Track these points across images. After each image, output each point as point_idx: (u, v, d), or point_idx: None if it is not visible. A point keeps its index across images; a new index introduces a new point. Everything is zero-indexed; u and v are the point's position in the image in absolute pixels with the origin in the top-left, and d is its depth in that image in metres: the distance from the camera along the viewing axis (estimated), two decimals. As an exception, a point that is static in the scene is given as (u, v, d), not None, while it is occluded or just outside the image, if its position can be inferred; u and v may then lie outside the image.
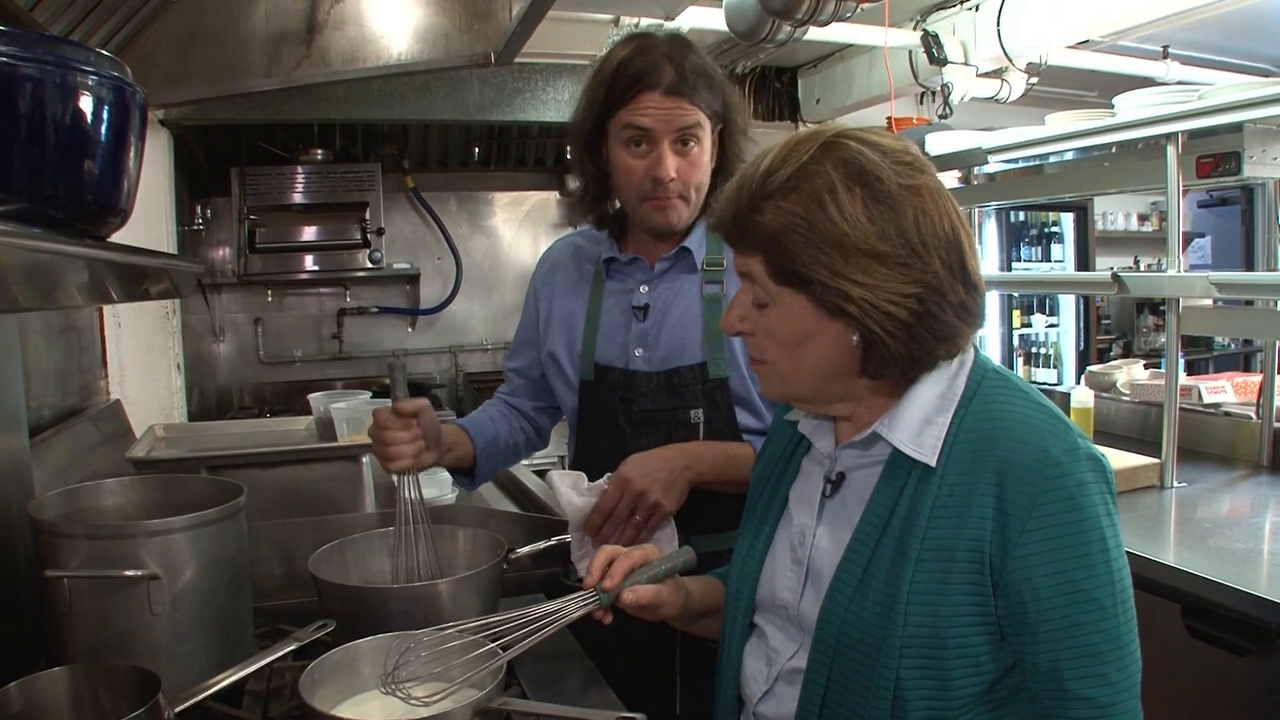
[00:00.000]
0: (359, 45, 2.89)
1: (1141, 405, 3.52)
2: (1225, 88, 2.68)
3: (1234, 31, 4.20)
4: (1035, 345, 6.69)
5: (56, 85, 0.92)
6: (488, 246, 5.60)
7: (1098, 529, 1.07)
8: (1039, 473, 1.07)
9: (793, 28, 3.12)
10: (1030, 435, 1.10)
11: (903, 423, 1.16)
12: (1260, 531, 2.45)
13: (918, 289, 1.09)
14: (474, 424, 1.94)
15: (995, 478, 1.09)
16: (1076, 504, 1.07)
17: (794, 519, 1.28)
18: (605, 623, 1.31)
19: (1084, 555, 1.06)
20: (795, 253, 1.09)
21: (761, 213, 1.11)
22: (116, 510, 1.62)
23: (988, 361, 1.22)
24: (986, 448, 1.11)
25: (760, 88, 5.26)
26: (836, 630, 1.16)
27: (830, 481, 1.25)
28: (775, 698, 1.26)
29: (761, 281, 1.14)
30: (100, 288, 1.44)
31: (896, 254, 1.08)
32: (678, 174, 1.72)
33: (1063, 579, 1.06)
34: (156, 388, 3.61)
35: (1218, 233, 7.48)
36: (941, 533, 1.11)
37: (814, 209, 1.08)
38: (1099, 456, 1.12)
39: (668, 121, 1.70)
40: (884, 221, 1.08)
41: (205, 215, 4.89)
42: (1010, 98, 4.19)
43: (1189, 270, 2.91)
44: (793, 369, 1.18)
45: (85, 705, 1.22)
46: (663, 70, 1.69)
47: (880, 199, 1.09)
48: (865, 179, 1.09)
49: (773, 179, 1.11)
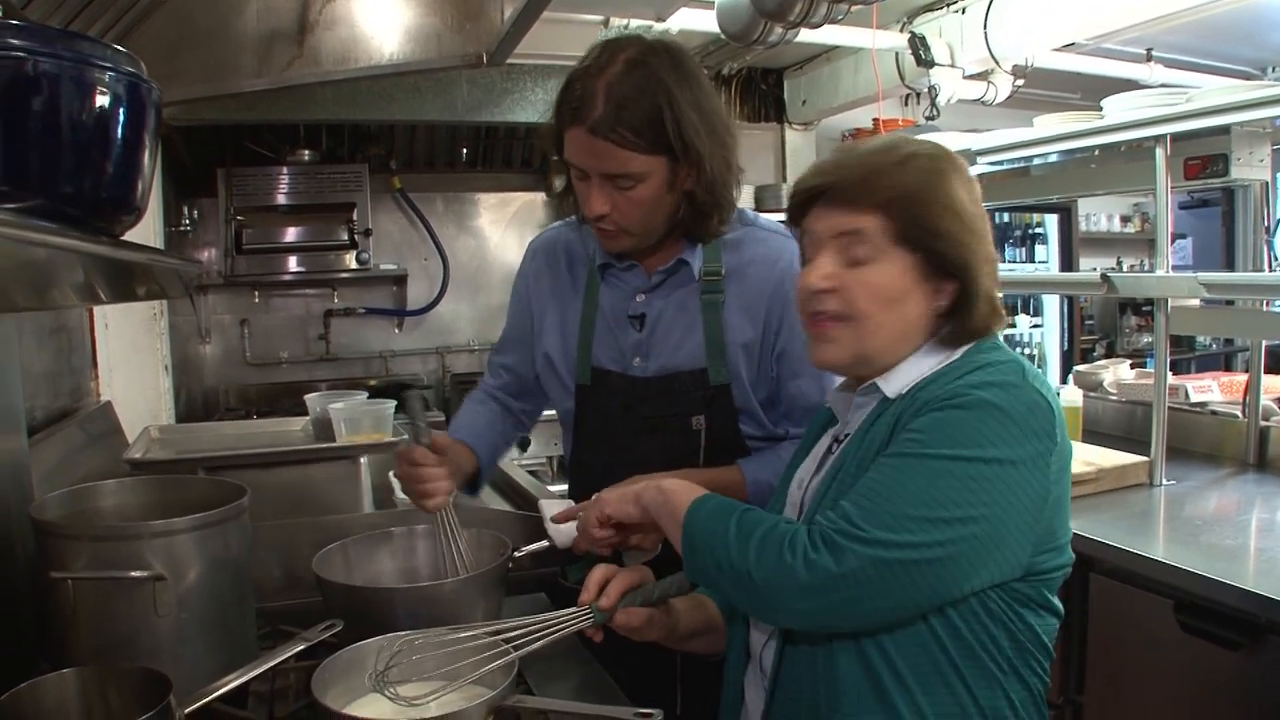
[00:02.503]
0: (350, 45, 2.88)
1: (1128, 404, 3.55)
2: (1213, 90, 2.71)
3: (1217, 34, 4.24)
4: (1020, 346, 6.73)
5: (73, 81, 0.92)
6: (474, 247, 5.59)
7: (975, 430, 1.12)
8: (947, 386, 1.17)
9: (784, 29, 3.13)
10: (973, 367, 1.19)
11: (900, 375, 1.25)
12: (1249, 528, 2.47)
13: (989, 265, 1.25)
14: (474, 435, 1.90)
15: (922, 397, 1.18)
16: (960, 409, 1.14)
17: (798, 474, 1.37)
18: (597, 640, 1.35)
19: (944, 435, 1.13)
20: (930, 209, 1.21)
21: (902, 171, 1.22)
22: (117, 511, 1.61)
23: (995, 336, 1.30)
24: (936, 381, 1.20)
25: (746, 89, 5.28)
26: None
27: (836, 440, 1.34)
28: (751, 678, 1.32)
29: (874, 239, 1.21)
30: (92, 288, 1.43)
31: (982, 229, 1.25)
32: (613, 209, 1.62)
33: (915, 442, 1.14)
34: (144, 389, 3.59)
35: (1198, 234, 7.55)
36: (876, 450, 1.19)
37: (947, 174, 1.24)
38: (1026, 399, 1.16)
39: (591, 161, 1.60)
40: (973, 203, 1.26)
41: (192, 216, 4.87)
42: (996, 100, 4.21)
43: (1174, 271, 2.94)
44: (878, 325, 1.23)
45: (95, 707, 1.21)
46: (592, 105, 1.55)
47: (968, 183, 1.27)
48: (958, 164, 1.27)
49: (898, 150, 1.25)
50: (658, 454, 1.74)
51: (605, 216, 1.64)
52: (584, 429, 1.86)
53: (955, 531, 1.09)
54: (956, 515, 1.09)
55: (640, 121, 1.56)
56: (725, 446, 1.76)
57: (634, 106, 1.55)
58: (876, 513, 1.10)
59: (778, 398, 1.78)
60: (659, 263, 1.78)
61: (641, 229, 1.68)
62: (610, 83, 1.56)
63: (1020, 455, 1.12)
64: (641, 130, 1.56)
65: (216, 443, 2.42)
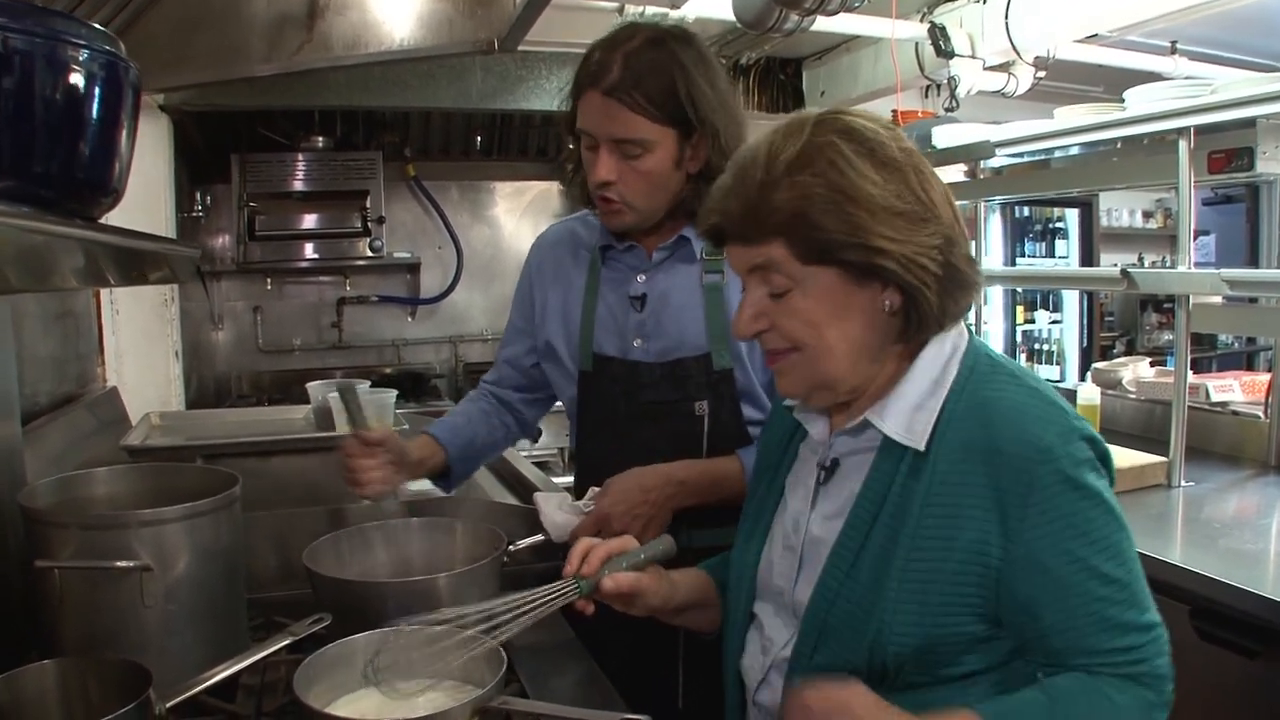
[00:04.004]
0: (361, 30, 2.86)
1: (1147, 403, 3.49)
2: (1238, 82, 2.65)
3: (1242, 26, 4.16)
4: (1038, 341, 6.66)
5: (46, 59, 0.89)
6: (489, 236, 5.57)
7: (1099, 504, 1.09)
8: (1032, 459, 1.08)
9: (800, 17, 3.08)
10: (1022, 421, 1.11)
11: (893, 410, 1.17)
12: (1269, 532, 2.42)
13: (939, 240, 1.13)
14: (448, 430, 1.91)
15: (988, 468, 1.10)
16: (1073, 484, 1.08)
17: (789, 505, 1.29)
18: (587, 613, 1.31)
19: (1086, 533, 1.08)
20: (823, 221, 1.10)
21: (776, 194, 1.11)
22: (109, 499, 1.60)
23: (981, 347, 1.22)
24: (978, 437, 1.12)
25: (765, 79, 5.22)
26: (823, 616, 1.17)
27: (824, 468, 1.25)
28: (770, 686, 1.27)
29: (784, 267, 1.13)
30: (95, 270, 1.41)
31: (914, 210, 1.12)
32: (619, 179, 1.65)
33: (1071, 559, 1.07)
34: (154, 375, 3.59)
35: (1221, 230, 7.45)
36: (936, 523, 1.11)
37: (834, 174, 1.10)
38: (1095, 436, 1.13)
39: (602, 126, 1.63)
40: (896, 182, 1.12)
41: (205, 202, 4.86)
42: (1017, 92, 4.15)
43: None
44: (826, 350, 1.16)
45: (74, 699, 1.20)
46: (609, 70, 1.60)
47: (886, 164, 1.12)
48: (870, 146, 1.12)
49: (779, 160, 1.12)
50: (661, 440, 1.74)
51: (610, 185, 1.65)
52: (587, 417, 1.85)
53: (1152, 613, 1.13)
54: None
55: (653, 89, 1.60)
56: (728, 432, 1.75)
57: (649, 75, 1.60)
58: (1123, 630, 1.09)
59: None
60: (660, 241, 1.78)
61: (645, 204, 1.69)
62: (628, 52, 1.62)
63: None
64: (653, 98, 1.60)
65: (217, 430, 2.40)
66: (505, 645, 1.24)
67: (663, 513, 1.64)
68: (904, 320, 1.16)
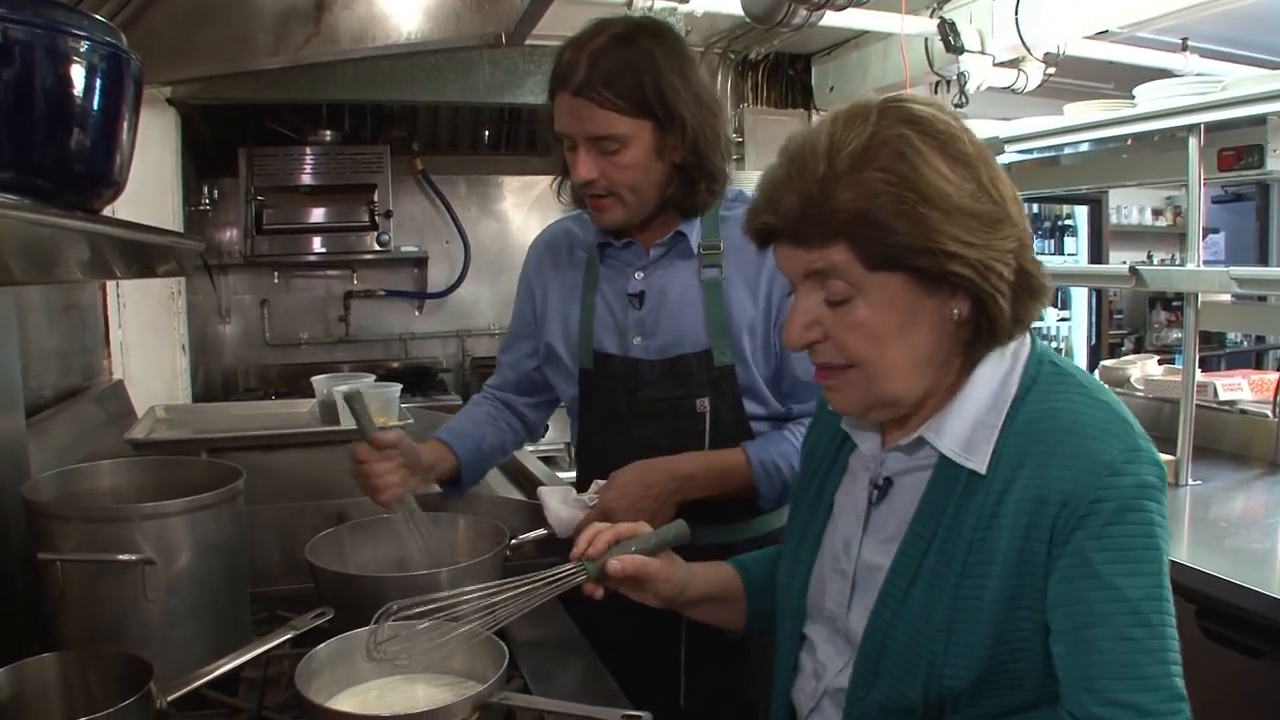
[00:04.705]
0: (368, 23, 2.86)
1: (1155, 401, 3.47)
2: (1249, 79, 2.63)
3: (1255, 24, 4.13)
4: (1047, 339, 6.64)
5: (46, 49, 0.89)
6: (496, 230, 5.56)
7: (1152, 539, 0.99)
8: (1091, 477, 0.99)
9: (809, 11, 3.07)
10: (1083, 436, 1.01)
11: (951, 427, 1.08)
12: (1276, 532, 2.41)
13: (1014, 244, 1.03)
14: (456, 434, 1.89)
15: (1043, 483, 1.01)
16: (1132, 510, 0.99)
17: (839, 526, 1.21)
18: (596, 597, 1.28)
19: (1135, 565, 0.98)
20: (892, 223, 0.99)
21: (840, 191, 1.00)
22: (113, 492, 1.60)
23: (1045, 354, 1.12)
24: (1036, 451, 1.03)
25: (773, 75, 5.20)
26: (879, 646, 1.10)
27: (877, 487, 1.16)
28: (822, 713, 1.21)
29: (846, 272, 1.02)
30: (101, 263, 1.41)
31: (989, 210, 1.02)
32: (601, 176, 1.64)
33: (1113, 593, 0.98)
34: (161, 368, 3.59)
35: (1231, 229, 7.41)
36: (991, 544, 1.03)
37: (904, 169, 0.99)
38: (1159, 461, 1.03)
39: (576, 125, 1.63)
40: (970, 179, 1.01)
41: (212, 195, 4.87)
42: (1027, 88, 4.13)
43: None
44: (891, 364, 1.06)
45: (75, 692, 1.20)
46: (576, 70, 1.60)
47: (959, 159, 1.01)
48: (941, 138, 1.01)
49: (841, 156, 1.01)
50: (662, 438, 1.72)
51: (593, 183, 1.65)
52: (589, 415, 1.84)
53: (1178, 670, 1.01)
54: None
55: (620, 84, 1.59)
56: (730, 428, 1.73)
57: (615, 70, 1.59)
58: (1143, 685, 0.99)
59: (780, 374, 1.75)
60: (656, 237, 1.77)
61: (632, 198, 1.67)
62: (594, 50, 1.61)
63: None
64: (621, 92, 1.59)
65: (222, 424, 2.40)
66: (508, 640, 1.24)
67: (666, 507, 1.63)
68: (973, 331, 1.06)
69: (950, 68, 4.00)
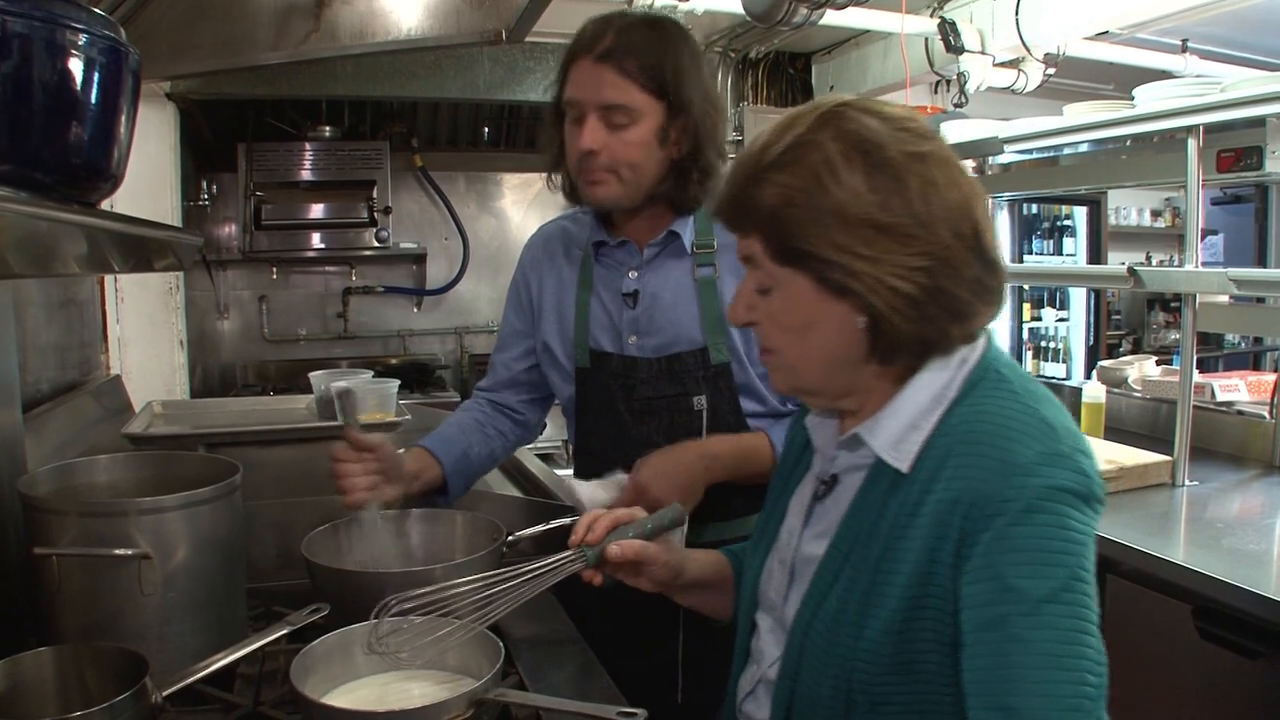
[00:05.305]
0: (368, 20, 2.86)
1: (1153, 402, 3.48)
2: (1248, 81, 2.63)
3: (1255, 26, 4.14)
4: (1045, 339, 6.64)
5: (45, 43, 0.89)
6: (495, 227, 5.57)
7: (1063, 541, 0.97)
8: (1000, 478, 0.99)
9: (809, 10, 3.07)
10: (1004, 439, 1.01)
11: (886, 426, 1.09)
12: (1272, 533, 2.41)
13: (926, 261, 1.02)
14: (441, 442, 1.87)
15: (958, 485, 1.01)
16: (1038, 512, 0.97)
17: (787, 519, 1.25)
18: (595, 584, 1.29)
19: (1038, 566, 0.96)
20: (794, 228, 1.03)
21: (759, 189, 1.06)
22: (110, 487, 1.59)
23: (996, 359, 1.12)
24: (956, 452, 1.03)
25: (774, 74, 5.20)
26: (802, 638, 1.12)
27: (824, 483, 1.19)
28: (756, 699, 1.23)
29: (763, 264, 1.08)
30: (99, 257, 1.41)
31: (900, 224, 1.02)
32: (604, 150, 1.64)
33: (1012, 594, 0.96)
34: (159, 364, 3.60)
35: (1230, 230, 7.42)
36: (906, 544, 1.04)
37: (811, 181, 1.03)
38: (1084, 469, 1.01)
39: (592, 91, 1.63)
40: (886, 191, 1.02)
41: (211, 191, 4.87)
42: (1026, 88, 4.13)
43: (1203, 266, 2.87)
44: (800, 357, 1.11)
45: (71, 686, 1.20)
46: (602, 38, 1.63)
47: (881, 167, 1.02)
48: (865, 147, 1.03)
49: (769, 154, 1.06)
50: (659, 435, 1.72)
51: (595, 155, 1.64)
52: (586, 414, 1.84)
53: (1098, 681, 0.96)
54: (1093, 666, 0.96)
55: (644, 59, 1.63)
56: (727, 426, 1.73)
57: (641, 45, 1.63)
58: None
59: None
60: (649, 237, 1.77)
61: (630, 175, 1.67)
62: (622, 26, 1.65)
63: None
64: (643, 66, 1.62)
65: (219, 419, 2.39)
66: (504, 637, 1.24)
67: (698, 485, 1.62)
68: (870, 343, 1.07)
69: (950, 67, 4.01)
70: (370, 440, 1.65)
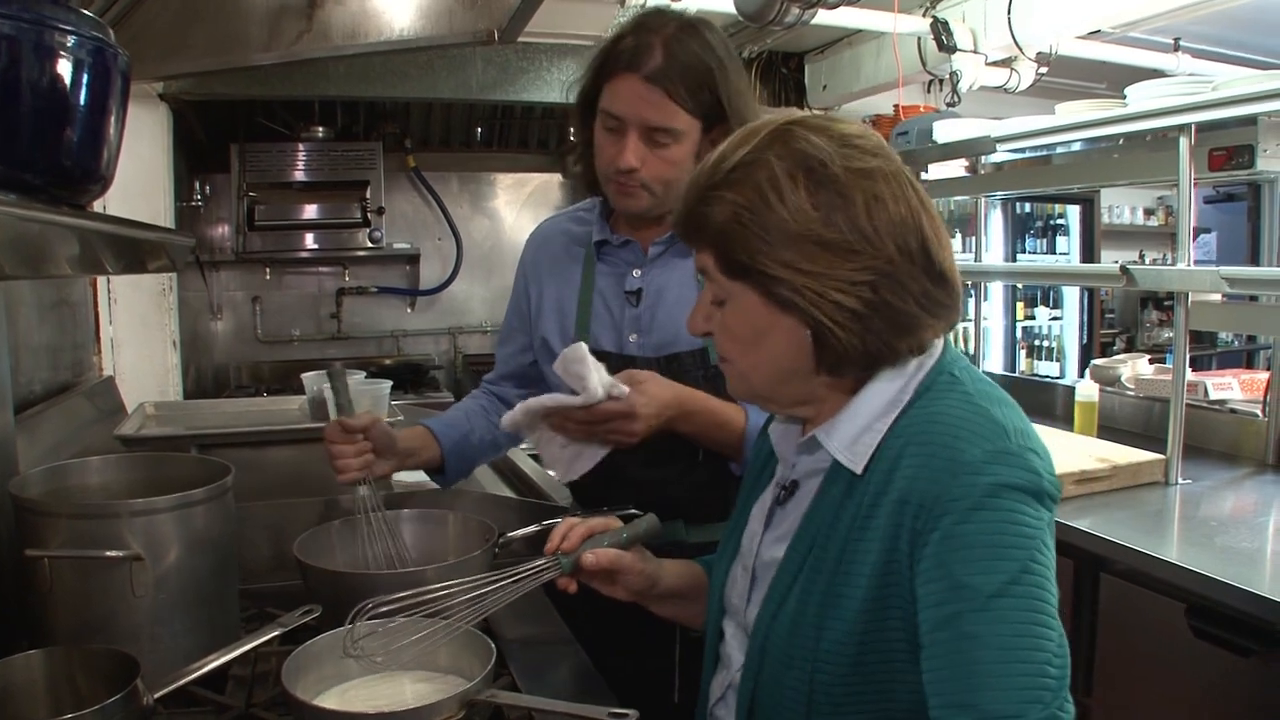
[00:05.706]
0: (360, 20, 2.85)
1: (1146, 400, 3.49)
2: (1240, 79, 2.64)
3: (1246, 25, 4.15)
4: (1038, 338, 6.65)
5: (33, 44, 0.88)
6: (489, 228, 5.56)
7: (1013, 535, 0.98)
8: (948, 477, 1.00)
9: (801, 10, 3.07)
10: (952, 439, 1.02)
11: (842, 429, 1.11)
12: (1265, 531, 2.41)
13: (869, 276, 1.04)
14: (443, 424, 1.89)
15: (909, 486, 1.02)
16: (985, 509, 0.98)
17: (749, 524, 1.26)
18: (569, 591, 1.30)
19: (988, 562, 0.97)
20: (742, 244, 1.06)
21: (709, 206, 1.09)
22: (102, 489, 1.59)
23: (953, 362, 1.13)
24: (907, 454, 1.04)
25: (767, 73, 5.21)
26: (763, 642, 1.13)
27: (784, 488, 1.21)
28: (726, 705, 1.24)
29: (715, 277, 1.12)
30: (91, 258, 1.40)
31: (843, 240, 1.04)
32: (643, 166, 1.63)
33: (962, 590, 0.97)
34: (152, 365, 3.59)
35: (1223, 229, 7.44)
36: (864, 546, 1.05)
37: (757, 198, 1.05)
38: (1034, 466, 1.02)
39: (638, 111, 1.61)
40: (829, 208, 1.04)
41: (204, 192, 4.87)
42: (1019, 87, 4.15)
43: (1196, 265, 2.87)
44: (751, 366, 1.14)
45: (62, 689, 1.19)
46: (650, 55, 1.59)
47: (824, 184, 1.04)
48: (809, 164, 1.05)
49: (719, 170, 1.09)
50: (657, 435, 1.70)
51: (634, 172, 1.64)
52: None
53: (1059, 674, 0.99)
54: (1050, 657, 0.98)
55: (694, 81, 1.61)
56: None
57: (691, 65, 1.60)
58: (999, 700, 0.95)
59: None
60: (654, 236, 1.76)
61: (662, 190, 1.67)
62: (668, 38, 1.61)
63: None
64: (692, 88, 1.61)
65: (212, 420, 2.39)
66: (496, 638, 1.24)
67: (663, 424, 1.58)
68: (816, 355, 1.09)
69: (943, 67, 4.02)
70: (360, 422, 1.66)
